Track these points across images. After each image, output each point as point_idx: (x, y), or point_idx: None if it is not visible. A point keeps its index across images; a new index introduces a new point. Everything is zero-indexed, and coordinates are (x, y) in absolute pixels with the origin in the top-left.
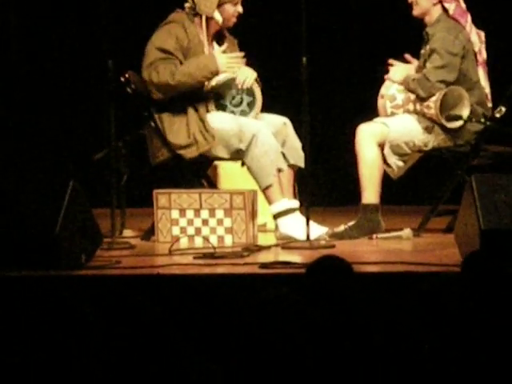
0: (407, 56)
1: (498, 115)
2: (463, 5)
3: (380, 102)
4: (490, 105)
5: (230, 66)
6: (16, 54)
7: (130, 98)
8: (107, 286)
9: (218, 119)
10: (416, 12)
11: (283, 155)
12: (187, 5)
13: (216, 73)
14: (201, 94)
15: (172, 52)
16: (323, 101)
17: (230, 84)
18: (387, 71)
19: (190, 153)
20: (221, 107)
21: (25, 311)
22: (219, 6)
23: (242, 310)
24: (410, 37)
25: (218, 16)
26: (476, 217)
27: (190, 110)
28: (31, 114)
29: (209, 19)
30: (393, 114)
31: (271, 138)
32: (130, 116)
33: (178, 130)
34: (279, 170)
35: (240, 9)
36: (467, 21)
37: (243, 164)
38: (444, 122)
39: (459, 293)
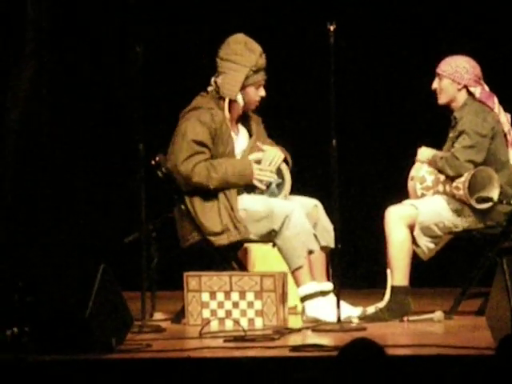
0: None
1: None
2: (487, 88)
3: (410, 183)
4: None
5: (261, 178)
6: (48, 137)
7: (160, 181)
8: (138, 370)
9: (249, 202)
10: (442, 100)
11: (315, 237)
12: (210, 88)
13: (249, 183)
14: None
15: (206, 144)
16: (354, 183)
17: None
18: (415, 155)
19: (219, 240)
20: (250, 189)
21: None
22: (242, 89)
23: None
24: (437, 119)
25: (240, 99)
26: (508, 299)
27: (221, 196)
28: (64, 198)
29: (232, 102)
30: (423, 195)
31: (304, 219)
32: (161, 199)
33: (209, 215)
34: (310, 252)
35: (263, 92)
36: (494, 102)
37: (274, 245)
38: (473, 203)
39: (494, 377)
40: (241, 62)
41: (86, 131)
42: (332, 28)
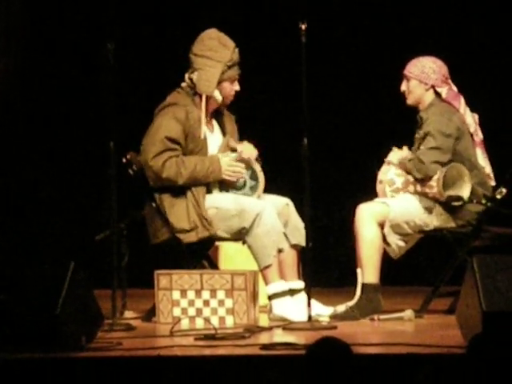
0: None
1: (498, 196)
2: (455, 88)
3: (379, 187)
4: (492, 183)
5: (232, 174)
6: (19, 134)
7: (131, 178)
8: (108, 368)
9: (220, 200)
10: (410, 101)
11: (285, 235)
12: (184, 84)
13: (218, 180)
14: None
15: (178, 141)
16: (324, 181)
17: None
18: (386, 155)
19: (188, 237)
20: (224, 189)
21: None
22: (218, 84)
23: None
24: (407, 119)
25: (217, 95)
26: (478, 298)
27: (189, 193)
28: (34, 196)
29: (208, 98)
30: (393, 197)
31: (274, 218)
32: (131, 197)
33: (177, 212)
34: (280, 251)
35: (237, 87)
36: (460, 103)
37: (244, 242)
38: (447, 199)
39: (464, 376)
40: (216, 58)
41: (57, 129)
42: (304, 27)
